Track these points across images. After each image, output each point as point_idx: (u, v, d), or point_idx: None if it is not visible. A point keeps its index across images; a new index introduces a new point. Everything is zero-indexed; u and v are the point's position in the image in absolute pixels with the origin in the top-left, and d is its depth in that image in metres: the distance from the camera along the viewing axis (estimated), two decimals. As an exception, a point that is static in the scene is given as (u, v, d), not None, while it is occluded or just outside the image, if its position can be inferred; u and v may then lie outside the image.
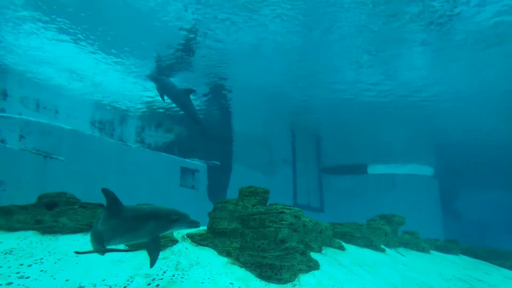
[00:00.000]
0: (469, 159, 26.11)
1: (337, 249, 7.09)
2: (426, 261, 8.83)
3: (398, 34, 12.54)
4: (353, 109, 17.83)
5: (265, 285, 4.98)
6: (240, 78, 14.95)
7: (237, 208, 5.79)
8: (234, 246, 5.51)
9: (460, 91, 16.44)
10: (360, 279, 6.00)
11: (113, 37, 12.63)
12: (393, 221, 9.14)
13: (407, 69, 14.64)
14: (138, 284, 4.61)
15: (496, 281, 8.84)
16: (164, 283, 4.68)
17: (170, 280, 4.76)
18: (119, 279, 4.70)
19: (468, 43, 12.89)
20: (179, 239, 5.74)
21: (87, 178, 12.41)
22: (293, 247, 5.51)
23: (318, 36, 12.62)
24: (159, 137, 19.57)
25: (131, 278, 4.74)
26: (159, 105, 17.13)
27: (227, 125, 19.40)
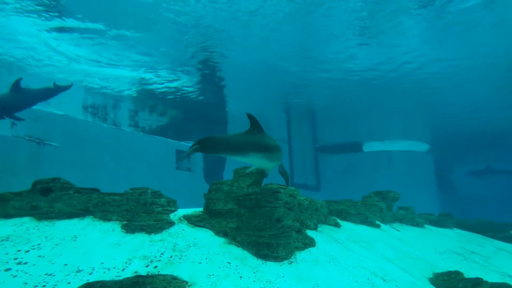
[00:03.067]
0: (463, 133, 26.28)
1: (333, 226, 7.18)
2: (420, 235, 8.99)
3: (393, 9, 12.37)
4: (347, 86, 17.75)
5: (262, 263, 5.06)
6: (232, 55, 14.70)
7: (232, 189, 5.81)
8: (230, 226, 5.56)
9: (456, 65, 16.38)
10: (355, 254, 6.10)
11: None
12: (388, 197, 9.25)
13: (402, 44, 14.51)
14: (137, 266, 4.66)
15: (489, 252, 9.04)
16: (162, 265, 4.74)
17: (168, 262, 4.81)
18: (117, 261, 4.74)
19: (463, 16, 12.74)
20: (176, 221, 5.78)
21: (82, 163, 12.39)
22: (288, 226, 5.56)
23: (311, 10, 12.40)
24: (153, 121, 19.47)
25: (129, 260, 4.79)
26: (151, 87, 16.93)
27: (221, 106, 19.29)
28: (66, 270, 4.47)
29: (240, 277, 4.65)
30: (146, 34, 13.09)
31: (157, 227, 5.47)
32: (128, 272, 4.52)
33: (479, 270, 7.21)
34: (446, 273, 5.97)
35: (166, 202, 5.89)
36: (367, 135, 25.72)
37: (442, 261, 7.30)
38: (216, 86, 17.02)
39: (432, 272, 6.27)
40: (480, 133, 26.29)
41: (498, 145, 29.45)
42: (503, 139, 27.99)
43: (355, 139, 26.10)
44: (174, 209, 6.03)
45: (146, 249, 5.04)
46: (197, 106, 18.58)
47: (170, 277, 4.32)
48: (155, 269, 4.64)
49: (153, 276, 4.22)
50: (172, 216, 5.86)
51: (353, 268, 5.51)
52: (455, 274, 5.85)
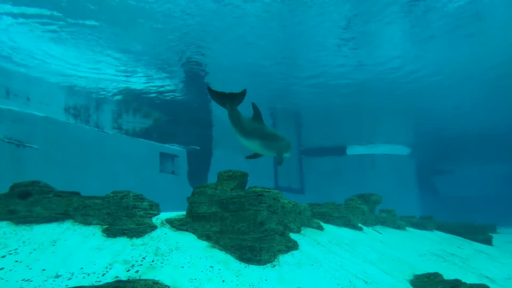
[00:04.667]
0: (446, 138, 26.84)
1: (316, 229, 7.22)
2: (402, 237, 9.12)
3: (378, 15, 12.57)
4: (332, 90, 17.95)
5: (245, 267, 5.05)
6: (217, 58, 14.67)
7: (216, 192, 5.79)
8: (213, 230, 5.53)
9: (438, 71, 16.77)
10: (338, 257, 6.15)
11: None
12: (370, 200, 9.36)
13: (386, 49, 14.78)
14: (117, 271, 4.59)
15: (468, 254, 9.24)
16: (143, 269, 4.68)
17: (150, 266, 4.76)
18: (98, 266, 4.67)
19: (446, 22, 13.03)
20: (158, 224, 5.72)
21: (64, 166, 12.15)
22: (272, 229, 5.57)
23: (297, 14, 12.49)
24: (136, 123, 19.26)
25: (110, 265, 4.71)
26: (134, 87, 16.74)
27: (206, 109, 19.22)
28: (44, 276, 4.38)
29: (223, 281, 4.64)
30: (129, 34, 12.94)
31: (139, 231, 5.40)
32: (108, 277, 4.45)
33: (458, 272, 7.36)
34: (426, 275, 6.07)
35: (149, 206, 5.83)
36: (351, 138, 26.03)
37: (422, 263, 7.42)
38: (201, 89, 16.95)
39: (413, 274, 6.37)
40: (461, 137, 26.92)
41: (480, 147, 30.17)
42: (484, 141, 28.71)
43: (340, 143, 26.37)
44: (157, 212, 5.97)
45: (128, 253, 4.98)
46: (181, 109, 18.49)
47: (151, 281, 4.27)
48: (136, 273, 4.58)
49: (134, 281, 4.16)
50: (154, 220, 5.80)
51: (335, 270, 5.55)
52: (435, 276, 5.96)
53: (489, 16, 12.52)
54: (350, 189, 12.53)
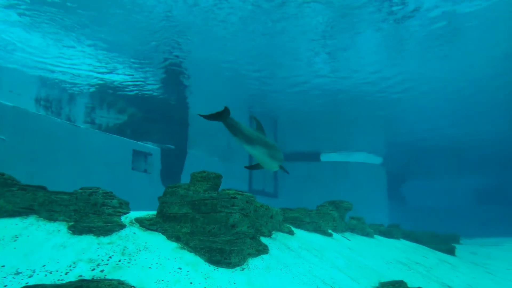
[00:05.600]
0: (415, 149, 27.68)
1: (287, 234, 7.26)
2: (370, 245, 9.31)
3: (355, 25, 12.82)
4: (308, 97, 18.17)
5: (214, 269, 5.01)
6: (197, 56, 14.53)
7: (188, 193, 5.73)
8: (184, 231, 5.47)
9: (411, 84, 17.27)
10: (307, 262, 6.21)
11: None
12: (341, 207, 9.50)
13: (361, 61, 15.09)
14: (81, 270, 4.46)
15: (431, 263, 9.53)
16: (109, 268, 4.57)
17: (116, 266, 4.65)
18: (61, 264, 4.52)
19: (420, 36, 13.42)
20: (127, 223, 5.60)
21: (32, 159, 11.72)
22: (243, 232, 5.56)
23: (276, 22, 12.59)
24: (110, 118, 18.82)
25: (74, 263, 4.57)
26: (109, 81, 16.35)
27: (183, 108, 19.03)
28: (3, 272, 4.20)
29: (191, 283, 4.58)
30: (105, 25, 12.60)
31: (107, 229, 5.27)
32: (71, 276, 4.32)
33: (421, 280, 7.57)
34: (391, 283, 6.21)
35: (118, 204, 5.70)
36: (326, 145, 26.39)
37: (388, 270, 7.60)
38: (178, 86, 16.77)
39: (379, 281, 6.51)
40: (430, 149, 27.84)
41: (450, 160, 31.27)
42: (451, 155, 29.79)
43: (314, 149, 26.69)
44: (126, 211, 5.85)
45: (93, 252, 4.84)
46: (158, 106, 18.22)
47: (116, 282, 4.17)
48: (101, 273, 4.47)
49: (98, 281, 4.05)
50: (123, 219, 5.67)
51: (303, 276, 5.59)
52: (399, 283, 6.10)
53: (463, 30, 13.01)
54: (323, 195, 12.71)
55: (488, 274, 10.05)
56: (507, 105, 19.57)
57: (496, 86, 17.31)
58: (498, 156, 30.95)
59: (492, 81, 16.75)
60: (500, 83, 16.97)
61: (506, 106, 19.73)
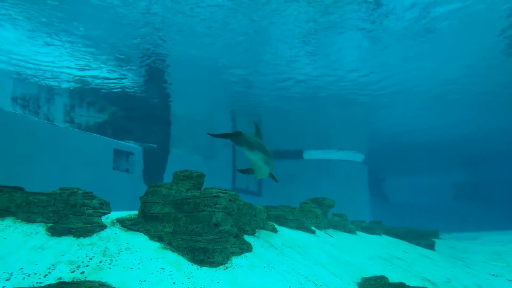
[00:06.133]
0: (396, 147, 28.18)
1: (270, 232, 7.28)
2: (352, 241, 9.43)
3: (337, 24, 12.91)
4: (290, 94, 18.23)
5: (197, 269, 4.98)
6: (179, 53, 14.33)
7: (170, 192, 5.67)
8: (166, 231, 5.42)
9: (391, 84, 17.54)
10: (290, 259, 6.24)
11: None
12: (324, 204, 9.60)
13: (342, 59, 15.23)
14: (61, 272, 4.37)
15: (412, 258, 9.73)
16: (90, 270, 4.48)
17: (97, 267, 4.57)
18: (39, 267, 4.41)
19: (400, 36, 13.62)
20: (108, 224, 5.50)
21: (9, 159, 11.40)
22: (226, 231, 5.55)
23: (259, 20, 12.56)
24: (90, 117, 18.45)
25: (53, 265, 4.47)
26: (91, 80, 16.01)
27: (165, 106, 18.82)
28: (-22, 277, 4.07)
29: (174, 283, 4.55)
30: (85, 23, 12.30)
31: (87, 230, 5.17)
32: (50, 278, 4.22)
33: (402, 275, 7.72)
34: (373, 278, 6.31)
35: (99, 204, 5.60)
36: (308, 143, 26.57)
37: (370, 266, 7.71)
38: (160, 84, 16.55)
39: (361, 276, 6.60)
40: (411, 147, 28.39)
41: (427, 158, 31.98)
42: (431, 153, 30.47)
43: (297, 147, 26.84)
44: (107, 211, 5.75)
45: (73, 253, 4.74)
46: (139, 104, 17.95)
47: (97, 283, 4.10)
48: (81, 275, 4.38)
49: (78, 283, 3.98)
50: (104, 219, 5.58)
51: (287, 273, 5.62)
52: (381, 278, 6.21)
53: (442, 30, 13.27)
54: (306, 193, 12.81)
55: (466, 268, 10.34)
56: (483, 104, 20.12)
57: (472, 85, 17.76)
58: (474, 154, 31.86)
59: (468, 80, 17.17)
60: (476, 82, 17.41)
61: (482, 105, 20.28)
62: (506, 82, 17.53)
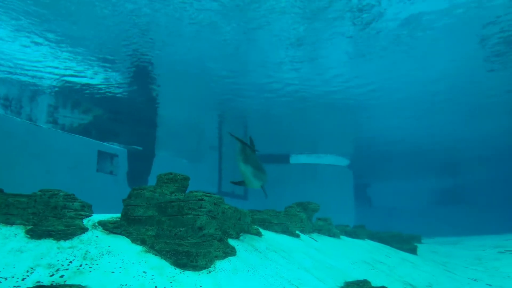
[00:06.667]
0: (380, 152, 28.53)
1: (255, 235, 7.27)
2: (336, 245, 9.49)
3: (323, 31, 13.06)
4: (277, 99, 18.32)
5: (180, 273, 4.94)
6: (164, 57, 14.26)
7: (154, 195, 5.62)
8: (149, 234, 5.36)
9: (377, 90, 17.79)
10: (274, 263, 6.24)
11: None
12: (309, 208, 9.64)
13: (329, 65, 15.40)
14: (40, 275, 4.28)
15: (394, 263, 9.83)
16: (69, 274, 4.40)
17: (77, 271, 4.49)
18: (17, 270, 4.31)
19: (386, 42, 13.84)
20: (90, 226, 5.42)
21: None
22: (210, 234, 5.52)
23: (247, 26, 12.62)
24: (74, 118, 18.17)
25: (32, 269, 4.38)
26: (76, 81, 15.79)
27: (152, 108, 18.67)
28: (-48, 280, 3.95)
29: (155, 287, 4.50)
30: (70, 22, 12.14)
31: (68, 233, 5.08)
32: (29, 282, 4.13)
33: (385, 279, 7.79)
34: (356, 282, 6.36)
35: (80, 207, 5.51)
36: (295, 148, 26.70)
37: (353, 270, 7.77)
38: (147, 87, 16.43)
39: (344, 280, 6.64)
40: (394, 152, 28.78)
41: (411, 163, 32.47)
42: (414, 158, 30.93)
43: (284, 151, 26.94)
44: (89, 214, 5.66)
45: (53, 256, 4.65)
46: (125, 106, 17.78)
47: (77, 287, 4.03)
48: (61, 278, 4.30)
49: (57, 286, 3.91)
50: (85, 222, 5.49)
51: (270, 277, 5.62)
52: (364, 283, 6.26)
53: (426, 39, 13.53)
54: (292, 197, 12.85)
55: (447, 272, 10.50)
56: (464, 111, 20.58)
57: (454, 94, 18.15)
58: (456, 160, 32.51)
59: (450, 88, 17.55)
60: (457, 90, 17.81)
61: (463, 112, 20.74)
62: (486, 91, 17.99)
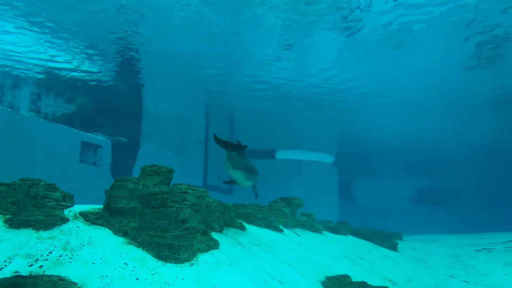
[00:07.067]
0: (365, 151, 28.88)
1: (238, 229, 7.28)
2: (318, 241, 9.59)
3: (314, 26, 13.08)
4: (264, 95, 18.33)
5: (161, 265, 4.92)
6: (152, 48, 14.06)
7: (137, 187, 5.57)
8: (131, 226, 5.32)
9: (363, 88, 17.95)
10: (257, 257, 6.27)
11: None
12: (293, 203, 9.70)
13: (316, 63, 15.45)
14: (18, 265, 4.20)
15: (375, 258, 10.00)
16: (49, 264, 4.34)
17: (57, 261, 4.42)
18: (-6, 260, 4.22)
19: (374, 39, 13.95)
20: (71, 217, 5.34)
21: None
22: (194, 227, 5.51)
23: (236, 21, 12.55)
24: (58, 107, 17.81)
25: (10, 258, 4.29)
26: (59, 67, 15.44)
27: (137, 100, 18.44)
28: None
29: (137, 279, 4.47)
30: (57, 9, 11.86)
31: (48, 223, 4.99)
32: (6, 271, 4.05)
33: (365, 274, 7.92)
34: (337, 277, 6.44)
35: (61, 197, 5.42)
36: (281, 143, 26.78)
37: (335, 265, 7.87)
38: (133, 78, 16.20)
39: (325, 275, 6.72)
40: (379, 151, 29.16)
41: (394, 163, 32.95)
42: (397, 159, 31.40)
43: (270, 147, 26.99)
44: (70, 204, 5.57)
45: (32, 246, 4.57)
46: (110, 97, 17.53)
47: (56, 278, 3.98)
48: (40, 268, 4.23)
49: (36, 277, 3.84)
50: (67, 212, 5.40)
51: (253, 270, 5.65)
52: (344, 277, 6.35)
53: (413, 38, 13.68)
54: (277, 192, 12.90)
55: (426, 269, 10.73)
56: (447, 113, 20.97)
57: (438, 93, 18.46)
58: (437, 161, 33.17)
59: (435, 88, 17.83)
60: (441, 92, 18.11)
61: (446, 114, 21.13)
62: (468, 92, 18.35)
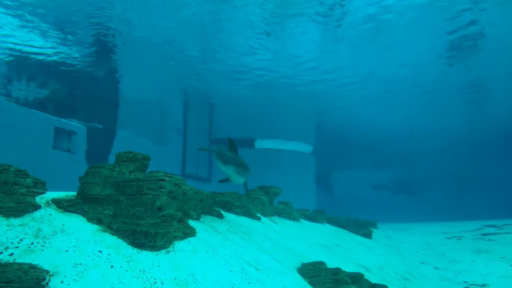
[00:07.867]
0: (341, 141, 29.31)
1: (216, 217, 7.29)
2: (295, 229, 9.72)
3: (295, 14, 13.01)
4: (246, 81, 18.25)
5: (137, 252, 4.88)
6: (128, 30, 13.69)
7: (112, 174, 5.47)
8: (106, 213, 5.23)
9: (342, 78, 18.12)
10: (234, 244, 6.30)
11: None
12: (271, 192, 9.78)
13: (296, 52, 15.46)
14: (-14, 254, 4.07)
15: (350, 246, 10.24)
16: (19, 252, 4.22)
17: (28, 249, 4.31)
18: (-39, 248, 4.08)
19: (355, 30, 14.04)
20: (43, 204, 5.20)
21: None
22: (170, 215, 5.47)
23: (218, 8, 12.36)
24: (30, 92, 17.19)
25: (-22, 247, 4.15)
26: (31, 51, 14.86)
27: (113, 85, 18.00)
28: None
29: (112, 267, 4.42)
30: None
31: (19, 210, 4.85)
32: (-26, 260, 3.92)
33: (340, 261, 8.11)
34: (312, 263, 6.56)
35: (33, 183, 5.26)
36: (260, 132, 26.85)
37: (311, 252, 8.01)
38: (108, 62, 15.76)
39: (301, 262, 6.84)
40: (356, 141, 29.66)
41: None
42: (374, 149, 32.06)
43: (250, 135, 27.03)
44: (42, 191, 5.43)
45: (2, 234, 4.44)
46: (85, 82, 17.05)
47: (27, 265, 3.88)
48: (10, 256, 4.12)
49: (6, 265, 3.74)
50: (38, 199, 5.26)
51: (229, 257, 5.68)
52: (319, 264, 6.47)
53: (392, 29, 13.86)
54: (255, 181, 12.95)
55: (398, 255, 11.08)
56: (422, 104, 21.48)
57: (415, 85, 18.85)
58: (411, 151, 34.08)
59: (412, 79, 18.20)
60: (418, 83, 18.50)
61: (421, 105, 21.64)
62: (445, 84, 18.82)
